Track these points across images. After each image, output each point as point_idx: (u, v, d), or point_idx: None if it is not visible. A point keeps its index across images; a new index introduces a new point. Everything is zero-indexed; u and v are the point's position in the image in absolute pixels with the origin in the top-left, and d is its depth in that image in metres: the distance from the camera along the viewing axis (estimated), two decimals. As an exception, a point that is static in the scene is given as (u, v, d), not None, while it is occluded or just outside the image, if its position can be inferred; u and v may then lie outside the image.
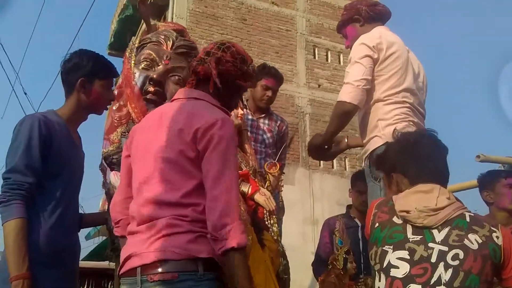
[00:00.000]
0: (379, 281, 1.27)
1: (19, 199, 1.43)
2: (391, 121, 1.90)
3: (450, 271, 1.18)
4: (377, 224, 1.33)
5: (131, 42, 2.06)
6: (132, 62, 1.93)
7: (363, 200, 2.46)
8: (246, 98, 2.86)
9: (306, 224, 7.69)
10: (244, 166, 1.88)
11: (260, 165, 2.28)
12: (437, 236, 1.24)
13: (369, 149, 1.95)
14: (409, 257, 1.22)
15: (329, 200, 7.84)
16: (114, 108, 1.89)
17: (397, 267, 1.23)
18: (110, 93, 1.71)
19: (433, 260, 1.20)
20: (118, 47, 11.12)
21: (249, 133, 2.49)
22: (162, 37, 1.89)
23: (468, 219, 1.27)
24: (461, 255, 1.19)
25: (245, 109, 2.67)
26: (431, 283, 1.18)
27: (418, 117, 1.98)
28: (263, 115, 2.88)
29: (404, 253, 1.23)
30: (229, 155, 1.20)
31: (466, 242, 1.21)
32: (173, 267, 1.12)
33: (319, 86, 9.12)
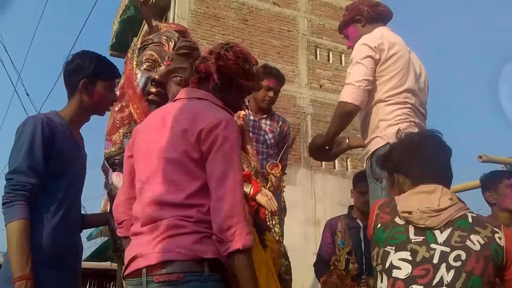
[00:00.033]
0: (381, 282, 1.26)
1: (22, 200, 1.43)
2: (392, 121, 1.89)
3: (452, 272, 1.18)
4: (379, 225, 1.33)
5: (133, 43, 2.06)
6: (134, 63, 1.94)
7: (365, 200, 2.46)
8: (247, 98, 2.86)
9: (308, 225, 7.69)
10: (246, 167, 1.89)
11: (262, 165, 2.28)
12: (439, 237, 1.23)
13: (371, 149, 1.94)
14: (411, 258, 1.22)
15: (331, 200, 7.84)
16: (116, 109, 1.89)
17: (399, 268, 1.23)
18: (113, 94, 1.72)
19: (435, 261, 1.20)
20: (119, 48, 11.14)
21: (251, 134, 2.49)
22: (164, 38, 1.89)
23: (470, 220, 1.27)
24: (463, 256, 1.19)
25: (247, 110, 2.67)
26: (433, 284, 1.18)
27: (419, 118, 1.97)
28: (265, 116, 2.88)
29: (406, 254, 1.23)
30: (233, 156, 1.19)
31: (468, 243, 1.21)
32: (178, 268, 1.12)
33: (321, 86, 9.12)
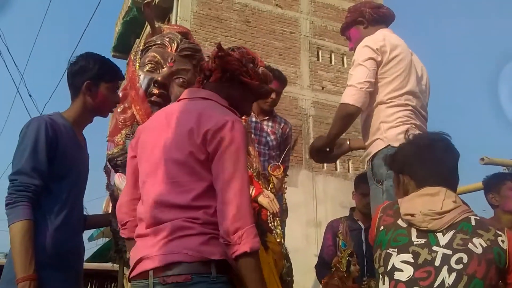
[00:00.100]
0: (383, 284, 1.26)
1: (26, 201, 1.43)
2: (393, 123, 1.89)
3: (454, 274, 1.17)
4: (382, 227, 1.33)
5: (135, 44, 2.08)
6: (137, 64, 1.95)
7: (367, 202, 2.45)
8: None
9: (310, 226, 7.68)
10: (248, 168, 1.89)
11: (264, 167, 2.28)
12: (442, 239, 1.23)
13: (372, 151, 1.94)
14: (413, 261, 1.22)
15: (332, 202, 7.84)
16: (118, 110, 1.90)
17: (401, 270, 1.23)
18: (116, 96, 1.72)
19: (437, 263, 1.20)
20: (122, 49, 11.18)
21: (253, 135, 2.50)
22: (167, 39, 1.90)
23: (473, 222, 1.26)
24: (465, 259, 1.19)
25: (249, 111, 2.67)
26: (435, 286, 1.17)
27: (420, 120, 1.97)
28: (267, 117, 2.88)
29: (408, 256, 1.23)
30: (240, 157, 1.17)
31: (470, 246, 1.21)
32: (186, 270, 1.10)
33: (323, 88, 9.12)
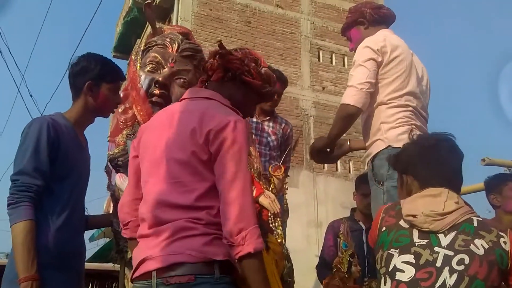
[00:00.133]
0: (385, 284, 1.26)
1: (28, 201, 1.44)
2: (393, 124, 1.89)
3: (455, 275, 1.17)
4: (384, 228, 1.33)
5: (136, 45, 2.09)
6: (138, 64, 1.95)
7: (368, 203, 2.45)
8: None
9: (310, 227, 7.68)
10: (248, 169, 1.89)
11: (265, 167, 2.28)
12: (443, 240, 1.23)
13: (372, 152, 1.94)
14: (414, 261, 1.22)
15: (333, 202, 7.84)
16: (119, 110, 1.90)
17: (402, 271, 1.22)
18: (117, 97, 1.72)
19: (438, 264, 1.20)
20: (122, 49, 11.19)
21: (253, 136, 2.50)
22: (168, 40, 1.90)
23: (475, 224, 1.26)
24: (467, 260, 1.19)
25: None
26: (436, 287, 1.17)
27: (420, 121, 1.97)
28: (268, 118, 2.88)
29: (410, 257, 1.23)
30: (242, 157, 1.17)
31: (472, 247, 1.21)
32: (189, 270, 1.10)
33: (324, 88, 9.12)
